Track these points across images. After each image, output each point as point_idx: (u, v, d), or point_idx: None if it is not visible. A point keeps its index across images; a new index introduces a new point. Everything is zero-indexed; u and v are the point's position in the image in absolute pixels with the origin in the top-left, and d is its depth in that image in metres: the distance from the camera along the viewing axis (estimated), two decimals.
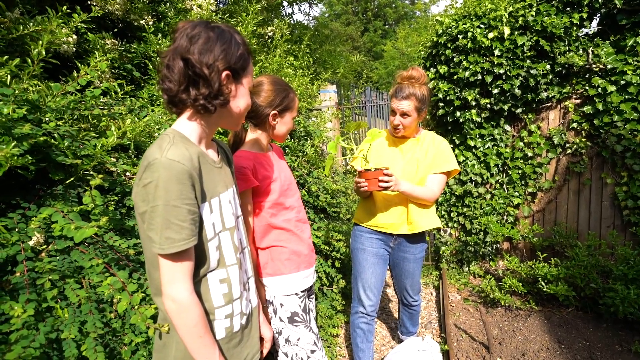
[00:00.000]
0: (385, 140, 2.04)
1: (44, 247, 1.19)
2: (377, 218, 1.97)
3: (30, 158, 1.10)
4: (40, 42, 1.26)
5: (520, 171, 3.36)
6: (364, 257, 2.01)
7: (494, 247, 3.52)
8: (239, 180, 1.25)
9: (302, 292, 1.42)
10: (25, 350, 0.93)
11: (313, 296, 1.59)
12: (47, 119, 1.27)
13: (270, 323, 1.37)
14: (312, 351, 1.38)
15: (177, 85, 0.86)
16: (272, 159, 1.43)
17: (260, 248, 1.37)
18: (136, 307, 1.00)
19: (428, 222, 1.93)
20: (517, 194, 3.39)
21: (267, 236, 1.37)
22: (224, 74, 0.88)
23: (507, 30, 3.02)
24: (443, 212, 3.70)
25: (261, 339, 1.21)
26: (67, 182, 1.28)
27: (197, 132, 0.93)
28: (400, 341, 2.41)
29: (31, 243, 1.15)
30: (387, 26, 28.07)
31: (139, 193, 0.82)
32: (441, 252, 3.68)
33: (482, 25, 3.14)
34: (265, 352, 1.22)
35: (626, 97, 2.85)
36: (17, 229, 1.16)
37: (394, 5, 27.95)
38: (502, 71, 3.09)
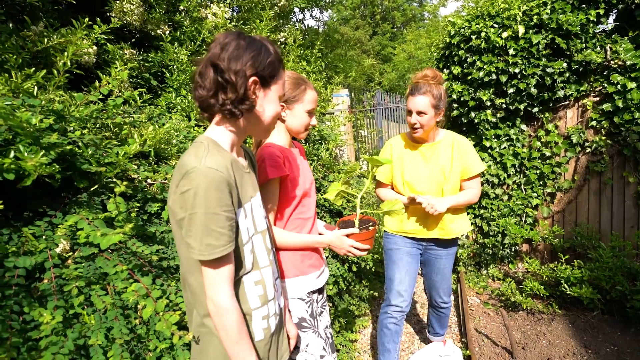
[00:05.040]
0: (405, 148, 2.01)
1: (70, 254, 1.21)
2: (408, 225, 2.00)
3: (57, 166, 1.13)
4: (66, 53, 1.30)
5: (538, 171, 3.30)
6: (399, 257, 2.02)
7: (513, 249, 3.45)
8: (270, 167, 1.25)
9: (308, 295, 1.40)
10: (54, 356, 0.94)
11: (324, 298, 1.57)
12: (71, 128, 1.29)
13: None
14: (322, 357, 1.37)
15: (207, 91, 0.89)
16: (296, 157, 1.44)
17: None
18: (161, 313, 1.00)
19: (460, 226, 1.98)
20: (535, 194, 3.33)
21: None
22: (251, 79, 0.90)
23: (521, 29, 2.98)
24: None
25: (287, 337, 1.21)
26: (92, 189, 1.30)
27: (228, 138, 0.95)
28: (427, 341, 2.38)
29: (58, 250, 1.17)
30: (395, 29, 28.03)
31: (176, 200, 0.84)
32: (458, 255, 3.62)
33: (495, 25, 3.11)
34: (291, 349, 1.22)
35: None
36: (44, 237, 1.18)
37: (401, 8, 27.92)
38: (517, 70, 3.04)
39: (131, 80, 2.32)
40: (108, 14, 2.17)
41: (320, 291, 1.54)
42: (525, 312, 2.79)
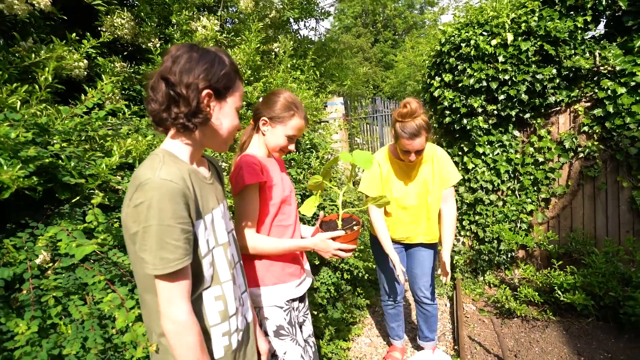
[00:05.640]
0: (391, 165, 2.10)
1: (50, 264, 1.23)
2: (395, 234, 2.16)
3: (36, 179, 1.15)
4: (47, 69, 1.33)
5: (532, 177, 3.29)
6: (382, 258, 2.25)
7: (509, 256, 3.43)
8: (247, 174, 1.27)
9: (287, 303, 1.41)
10: None
11: (306, 307, 1.57)
12: (55, 141, 1.32)
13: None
14: None
15: (159, 105, 0.87)
16: (274, 166, 1.46)
17: (243, 258, 1.38)
18: (130, 324, 1.02)
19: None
20: (529, 200, 3.32)
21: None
22: (204, 92, 0.88)
23: (510, 37, 3.01)
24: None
25: (258, 353, 1.20)
26: (73, 201, 1.33)
27: (185, 150, 0.93)
28: (418, 347, 2.38)
29: (38, 261, 1.19)
30: (397, 36, 28.23)
31: (129, 214, 0.81)
32: (454, 262, 3.61)
33: (484, 33, 3.14)
34: None
35: (637, 98, 2.78)
36: (25, 248, 1.20)
37: (403, 15, 28.14)
38: (507, 77, 3.06)
39: (123, 92, 2.36)
40: (99, 28, 2.22)
41: (301, 299, 1.55)
42: (520, 319, 2.77)
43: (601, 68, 2.93)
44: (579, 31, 2.96)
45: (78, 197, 1.33)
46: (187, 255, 0.84)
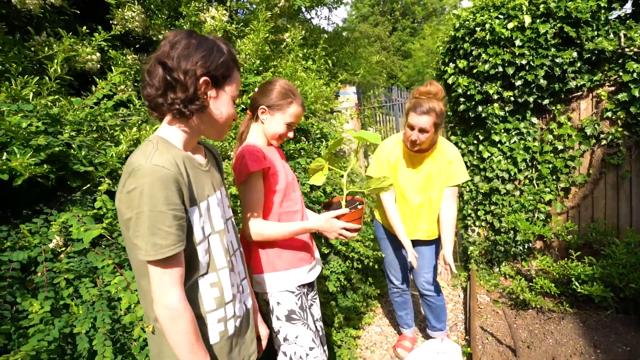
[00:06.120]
0: (400, 154, 2.09)
1: (63, 249, 1.29)
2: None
3: (47, 167, 1.20)
4: (56, 60, 1.38)
5: (550, 165, 3.18)
6: (385, 245, 2.30)
7: (526, 247, 3.35)
8: (250, 161, 1.28)
9: (298, 288, 1.43)
10: (40, 342, 1.01)
11: (315, 293, 1.59)
12: (65, 131, 1.37)
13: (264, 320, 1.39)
14: (311, 348, 1.39)
15: (156, 90, 0.87)
16: (275, 154, 1.47)
17: (255, 244, 1.40)
18: (133, 305, 1.05)
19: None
20: (548, 189, 3.21)
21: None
22: (201, 79, 0.88)
23: (527, 19, 2.89)
24: (470, 211, 3.57)
25: (258, 338, 1.23)
26: (84, 188, 1.38)
27: (180, 136, 0.93)
28: (428, 337, 2.38)
29: (51, 245, 1.25)
30: (415, 24, 27.60)
31: (122, 200, 0.82)
32: (469, 253, 3.55)
33: (500, 16, 3.02)
34: (261, 350, 1.23)
35: None
36: (39, 233, 1.26)
37: (422, 2, 27.44)
38: (524, 62, 2.95)
39: (135, 85, 2.42)
40: (111, 22, 2.27)
41: (310, 285, 1.57)
42: (535, 310, 2.71)
43: (626, 49, 2.77)
44: (602, 11, 2.81)
45: (89, 185, 1.38)
46: (179, 241, 0.83)
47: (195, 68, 0.87)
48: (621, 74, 2.82)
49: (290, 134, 1.45)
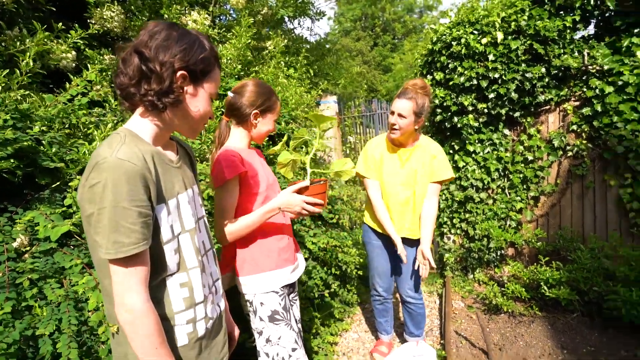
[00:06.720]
0: (386, 149, 2.15)
1: (28, 248, 1.24)
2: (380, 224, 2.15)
3: (14, 162, 1.16)
4: (28, 54, 1.34)
5: (521, 175, 3.31)
6: (372, 249, 2.29)
7: (499, 253, 3.45)
8: (226, 167, 1.28)
9: (282, 289, 1.42)
10: None
11: (296, 294, 1.58)
12: (35, 127, 1.33)
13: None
14: (294, 349, 1.38)
15: (129, 79, 0.83)
16: (255, 156, 1.47)
17: (239, 245, 1.39)
18: (100, 305, 1.02)
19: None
20: (519, 198, 3.34)
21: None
22: (179, 73, 0.85)
23: (500, 35, 3.03)
24: (445, 219, 3.65)
25: (230, 337, 1.20)
26: (53, 186, 1.33)
27: (151, 131, 0.89)
28: (405, 342, 2.39)
29: (15, 245, 1.20)
30: (396, 40, 28.33)
31: (85, 194, 0.77)
32: (445, 260, 3.62)
33: (475, 32, 3.16)
34: (232, 349, 1.21)
35: (624, 97, 2.81)
36: (2, 231, 1.21)
37: (402, 19, 28.25)
38: (497, 75, 3.09)
39: (112, 86, 2.37)
40: (88, 20, 2.24)
41: (292, 286, 1.56)
42: (507, 314, 2.78)
43: (590, 67, 2.95)
44: (568, 30, 2.99)
45: (58, 183, 1.34)
46: (143, 240, 0.79)
47: (173, 60, 0.84)
48: (585, 90, 3.00)
49: (275, 128, 1.50)
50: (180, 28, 0.88)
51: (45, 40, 1.58)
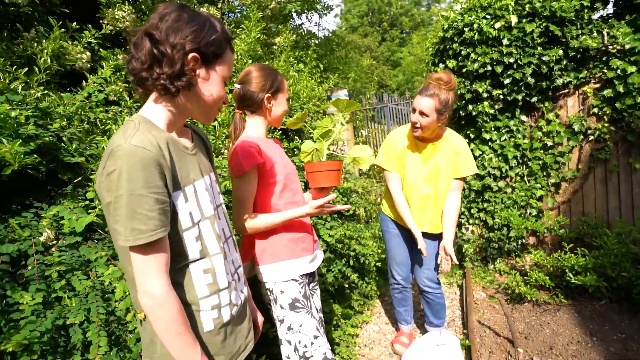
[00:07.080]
0: (408, 144, 2.09)
1: (55, 242, 1.26)
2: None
3: (37, 157, 1.18)
4: (45, 51, 1.37)
5: (540, 162, 3.23)
6: (390, 237, 2.27)
7: (519, 243, 3.37)
8: (243, 158, 1.27)
9: (301, 277, 1.42)
10: (31, 333, 0.97)
11: (316, 284, 1.57)
12: (55, 123, 1.35)
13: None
14: (315, 337, 1.37)
15: (141, 64, 0.82)
16: (273, 144, 1.47)
17: (258, 235, 1.38)
18: (126, 292, 1.03)
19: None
20: (539, 185, 3.26)
21: None
22: (190, 55, 0.83)
23: (514, 19, 2.96)
24: (463, 209, 3.59)
25: (254, 324, 1.20)
26: (75, 181, 1.35)
27: (165, 117, 0.88)
28: (426, 332, 2.37)
29: (42, 239, 1.22)
30: (404, 34, 28.07)
31: (102, 183, 0.77)
32: (464, 250, 3.56)
33: (487, 16, 3.09)
34: (257, 337, 1.21)
35: None
36: (29, 226, 1.23)
37: (410, 13, 27.97)
38: (512, 60, 3.01)
39: (127, 85, 2.40)
40: (101, 21, 2.27)
41: (311, 275, 1.55)
42: (531, 303, 2.72)
43: (610, 47, 2.86)
44: (586, 10, 2.90)
45: (80, 178, 1.36)
46: (162, 227, 0.79)
47: (184, 42, 0.82)
48: (605, 71, 2.90)
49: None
50: (190, 10, 0.87)
51: (61, 37, 1.60)
